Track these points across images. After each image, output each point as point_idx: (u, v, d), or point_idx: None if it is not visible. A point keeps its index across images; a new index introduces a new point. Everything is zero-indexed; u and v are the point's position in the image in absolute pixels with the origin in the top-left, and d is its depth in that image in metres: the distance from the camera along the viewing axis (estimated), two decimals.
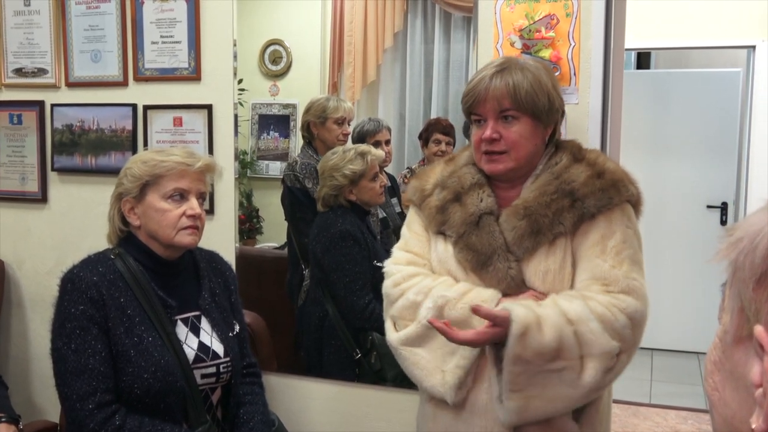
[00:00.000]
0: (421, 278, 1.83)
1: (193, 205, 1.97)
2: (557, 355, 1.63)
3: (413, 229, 1.94)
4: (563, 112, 1.86)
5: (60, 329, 1.90)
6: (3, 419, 2.05)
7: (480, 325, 1.67)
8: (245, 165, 3.09)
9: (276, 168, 3.04)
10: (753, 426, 0.64)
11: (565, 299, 1.69)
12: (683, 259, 5.39)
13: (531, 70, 1.75)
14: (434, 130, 2.81)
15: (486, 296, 1.73)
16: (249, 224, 3.10)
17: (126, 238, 2.02)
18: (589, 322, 1.64)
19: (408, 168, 2.97)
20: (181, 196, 1.96)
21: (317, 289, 2.65)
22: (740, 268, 0.68)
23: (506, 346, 1.62)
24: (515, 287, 1.75)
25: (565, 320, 1.63)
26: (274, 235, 3.04)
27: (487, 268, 1.76)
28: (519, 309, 1.63)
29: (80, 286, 1.91)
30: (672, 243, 5.39)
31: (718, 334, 0.75)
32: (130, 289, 1.94)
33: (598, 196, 1.73)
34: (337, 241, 2.58)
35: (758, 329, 0.65)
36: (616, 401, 4.33)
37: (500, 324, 1.61)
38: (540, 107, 1.74)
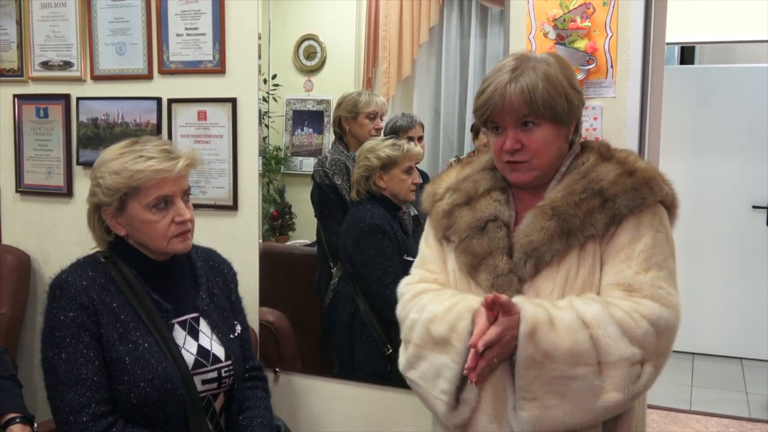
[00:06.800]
0: (424, 295, 1.76)
1: (180, 210, 1.85)
2: (574, 360, 1.52)
3: (428, 242, 1.87)
4: (583, 105, 1.74)
5: (49, 338, 1.80)
6: (17, 420, 1.97)
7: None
8: (279, 161, 3.08)
9: (310, 164, 3.02)
10: None
11: (583, 301, 1.58)
12: (727, 261, 5.29)
13: (542, 69, 1.64)
14: None
15: (473, 306, 1.61)
16: (281, 221, 3.10)
17: (115, 242, 1.92)
18: (607, 327, 1.53)
19: (456, 157, 2.89)
20: (166, 201, 1.84)
21: (348, 285, 2.63)
22: None
23: (517, 348, 1.52)
24: (508, 285, 1.65)
25: (580, 323, 1.53)
26: (306, 231, 3.01)
27: (479, 268, 1.68)
28: (528, 306, 1.55)
29: (69, 291, 1.81)
30: (715, 244, 5.28)
31: None
32: (122, 293, 1.84)
33: (630, 195, 1.62)
34: (367, 234, 2.56)
35: None
36: (654, 407, 4.24)
37: (508, 311, 1.52)
38: (559, 111, 1.64)
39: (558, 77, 1.64)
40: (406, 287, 1.84)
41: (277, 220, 3.07)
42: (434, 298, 1.72)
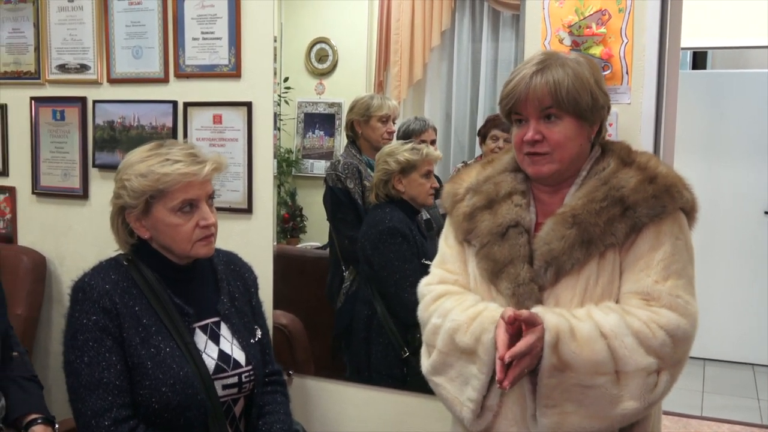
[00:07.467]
0: (446, 299, 1.77)
1: (204, 214, 1.85)
2: (593, 369, 1.54)
3: (448, 242, 1.87)
4: (609, 108, 1.75)
5: (72, 341, 1.81)
6: (39, 420, 1.99)
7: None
8: (290, 163, 3.08)
9: (321, 167, 3.02)
10: None
11: (601, 311, 1.59)
12: (739, 267, 5.27)
13: (572, 66, 1.65)
14: (492, 126, 2.72)
15: (496, 317, 1.62)
16: (293, 223, 3.10)
17: (137, 245, 1.92)
18: (624, 338, 1.54)
19: (463, 162, 2.90)
20: (191, 205, 1.84)
21: (365, 288, 2.63)
22: None
23: (542, 357, 1.54)
24: (529, 294, 1.66)
25: (598, 333, 1.55)
26: (318, 234, 3.01)
27: (500, 275, 1.68)
28: (550, 316, 1.56)
29: (92, 295, 1.81)
30: (728, 250, 5.27)
31: None
32: (144, 297, 1.84)
33: (650, 203, 1.62)
34: (386, 237, 2.57)
35: None
36: (666, 413, 4.22)
37: (532, 323, 1.53)
38: (583, 106, 1.64)
39: (586, 75, 1.65)
40: (426, 288, 1.84)
41: (288, 222, 3.07)
42: (457, 304, 1.73)
